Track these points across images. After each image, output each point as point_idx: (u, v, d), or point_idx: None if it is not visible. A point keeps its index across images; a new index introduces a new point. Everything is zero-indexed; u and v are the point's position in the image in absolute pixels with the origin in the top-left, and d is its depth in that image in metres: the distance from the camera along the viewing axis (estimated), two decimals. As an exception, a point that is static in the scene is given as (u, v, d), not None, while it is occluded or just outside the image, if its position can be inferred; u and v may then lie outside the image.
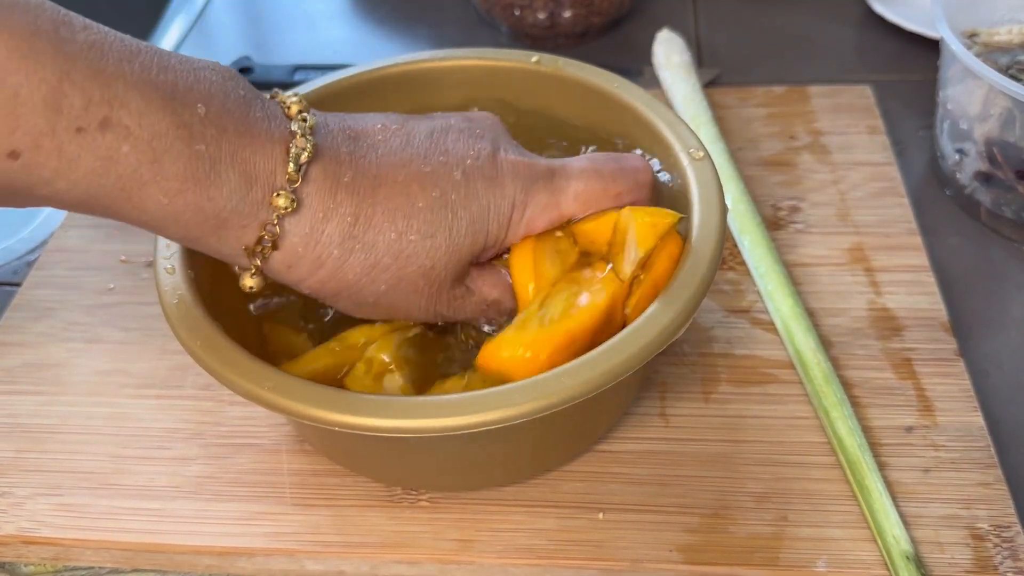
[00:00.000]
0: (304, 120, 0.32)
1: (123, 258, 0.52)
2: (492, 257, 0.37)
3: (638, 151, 0.42)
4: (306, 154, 0.31)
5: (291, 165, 0.31)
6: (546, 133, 0.45)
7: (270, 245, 0.32)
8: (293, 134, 0.32)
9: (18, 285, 0.51)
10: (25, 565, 0.40)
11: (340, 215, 0.32)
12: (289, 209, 0.31)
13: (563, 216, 0.36)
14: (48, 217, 0.57)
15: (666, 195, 0.40)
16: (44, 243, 0.54)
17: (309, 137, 0.32)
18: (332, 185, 0.32)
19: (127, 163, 0.28)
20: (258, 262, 0.32)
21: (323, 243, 0.32)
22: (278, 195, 0.31)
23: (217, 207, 0.30)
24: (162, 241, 0.37)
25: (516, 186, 0.35)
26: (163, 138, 0.28)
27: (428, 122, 0.36)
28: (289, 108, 0.33)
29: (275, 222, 0.31)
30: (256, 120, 0.31)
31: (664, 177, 0.41)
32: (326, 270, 0.33)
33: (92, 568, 0.40)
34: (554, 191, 0.36)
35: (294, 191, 0.31)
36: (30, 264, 0.52)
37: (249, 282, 0.33)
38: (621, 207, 0.37)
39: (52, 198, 0.28)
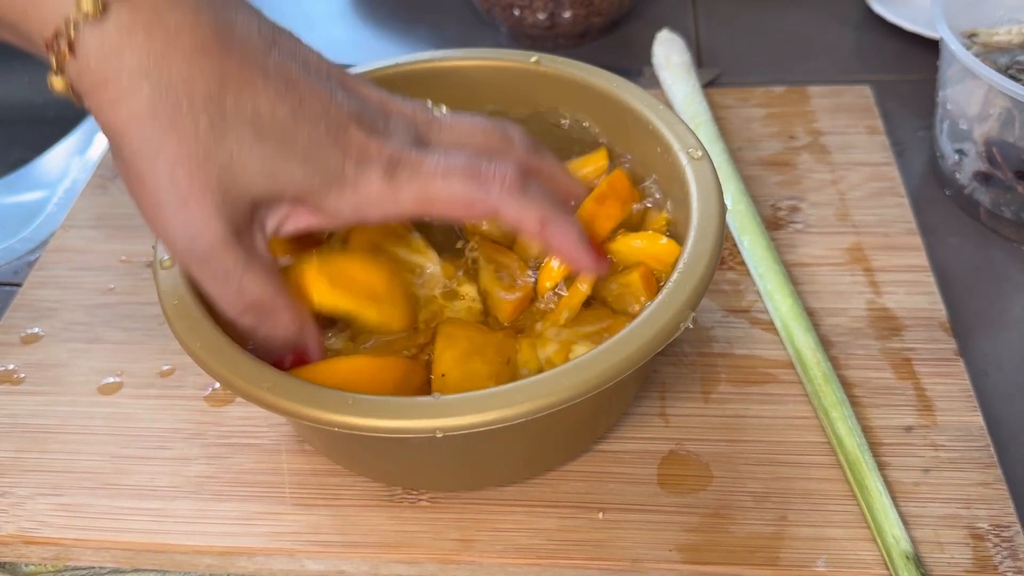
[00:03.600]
0: None
1: (123, 258, 0.52)
2: (290, 232, 0.33)
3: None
4: None
5: None
6: (544, 135, 0.45)
7: (66, 48, 0.29)
8: None
9: (19, 285, 0.51)
10: (26, 565, 0.40)
11: (143, 44, 0.29)
12: (91, 15, 0.28)
13: (403, 213, 0.33)
14: (49, 217, 0.57)
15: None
16: (45, 243, 0.54)
17: None
18: (155, 14, 0.29)
19: None
20: (53, 63, 0.29)
21: (115, 64, 0.29)
22: None
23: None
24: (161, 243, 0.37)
25: (343, 162, 0.32)
26: None
27: (306, 53, 0.33)
28: None
29: (74, 24, 0.28)
30: None
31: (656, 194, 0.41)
32: (107, 93, 0.29)
33: (92, 568, 0.40)
34: (392, 185, 0.33)
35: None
36: (31, 264, 0.52)
37: (53, 81, 0.30)
38: (477, 215, 0.34)
39: None
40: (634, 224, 0.41)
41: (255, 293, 0.33)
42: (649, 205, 0.42)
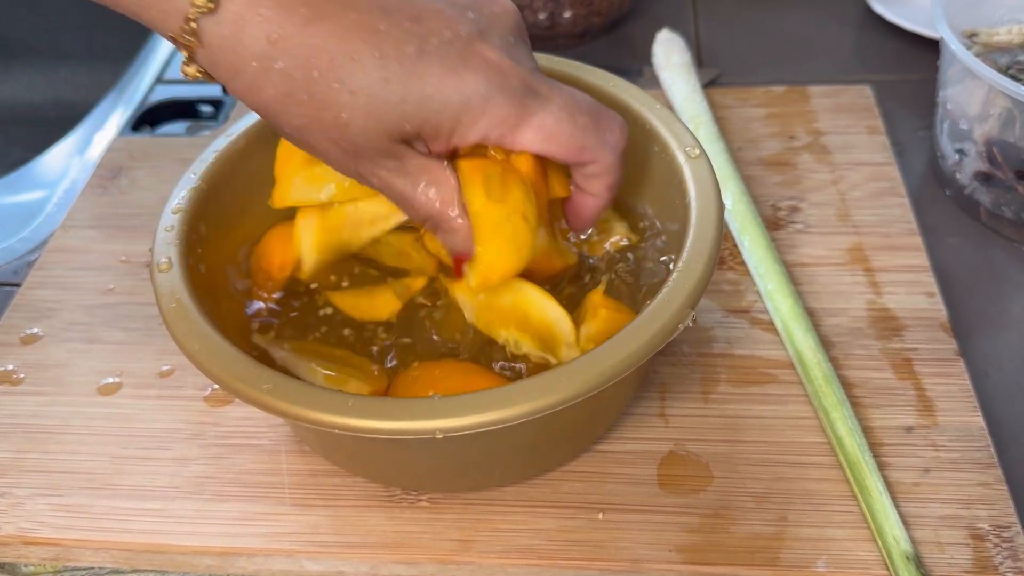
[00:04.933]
0: None
1: (123, 258, 0.52)
2: (440, 153, 0.34)
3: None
4: None
5: None
6: None
7: (192, 40, 0.30)
8: None
9: (18, 285, 0.51)
10: (25, 565, 0.40)
11: (260, 28, 0.30)
12: (205, 9, 0.29)
13: (515, 143, 0.33)
14: (48, 217, 0.57)
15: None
16: (44, 243, 0.54)
17: None
18: None
19: None
20: (185, 53, 0.31)
21: (240, 53, 0.30)
22: None
23: None
24: (159, 242, 0.37)
25: (479, 86, 0.31)
26: None
27: None
28: None
29: (192, 18, 0.29)
30: None
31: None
32: (243, 81, 0.31)
33: (92, 568, 0.40)
34: (521, 112, 0.32)
35: None
36: (30, 264, 0.52)
37: (186, 69, 0.31)
38: (579, 162, 0.35)
39: None
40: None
41: (429, 207, 0.34)
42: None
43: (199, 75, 0.31)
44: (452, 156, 0.35)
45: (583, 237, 0.42)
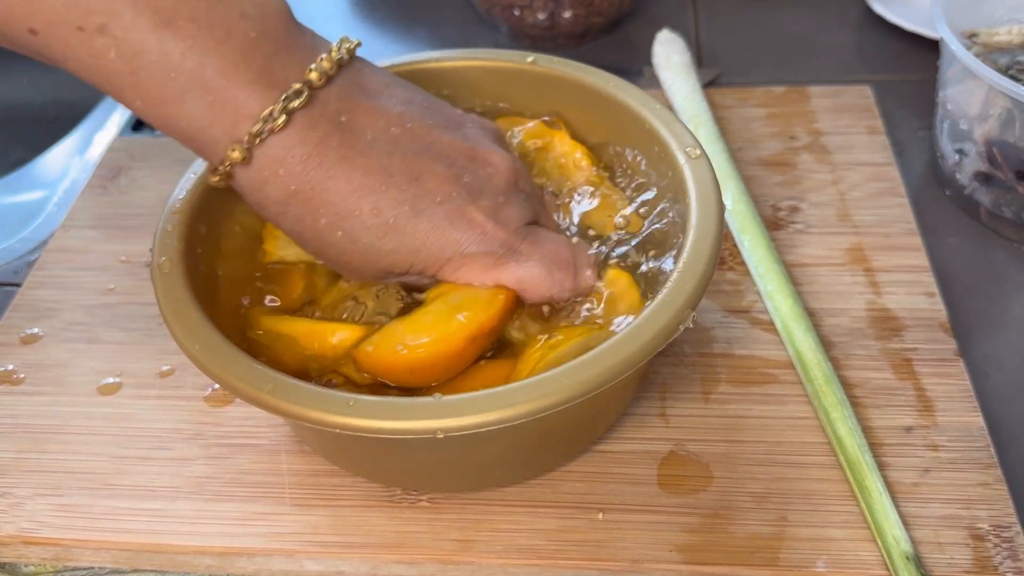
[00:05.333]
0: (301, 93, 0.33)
1: (123, 258, 0.52)
2: (423, 283, 0.38)
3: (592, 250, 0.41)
4: (281, 120, 0.33)
5: (262, 119, 0.32)
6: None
7: (226, 177, 0.34)
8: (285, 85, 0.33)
9: (18, 285, 0.51)
10: (25, 565, 0.40)
11: (281, 182, 0.34)
12: (239, 161, 0.33)
13: (487, 285, 0.37)
14: (49, 217, 0.57)
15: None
16: (44, 243, 0.54)
17: (293, 102, 0.33)
18: (287, 160, 0.34)
19: (113, 67, 0.31)
20: (215, 178, 0.34)
21: (263, 196, 0.35)
22: (233, 149, 0.33)
23: (180, 127, 0.33)
24: (159, 242, 0.37)
25: (460, 245, 0.36)
26: (143, 56, 0.31)
27: (436, 134, 0.36)
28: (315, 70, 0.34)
29: (228, 164, 0.33)
30: (237, 55, 0.32)
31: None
32: (265, 214, 0.36)
33: (92, 568, 0.40)
34: (498, 267, 0.36)
35: (249, 146, 0.33)
36: (30, 264, 0.52)
37: (212, 179, 0.35)
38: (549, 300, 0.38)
39: (74, 72, 0.32)
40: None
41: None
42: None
43: (217, 185, 0.35)
44: None
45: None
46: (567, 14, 0.64)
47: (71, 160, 0.62)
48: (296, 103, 0.33)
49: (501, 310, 0.37)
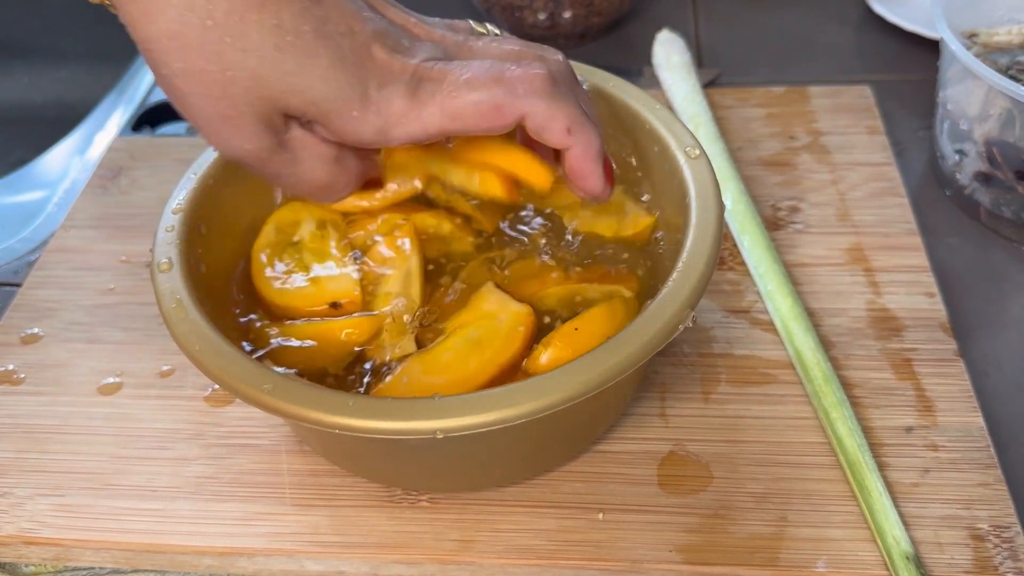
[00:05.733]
0: None
1: (123, 258, 0.52)
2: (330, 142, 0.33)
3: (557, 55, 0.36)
4: None
5: None
6: None
7: None
8: None
9: (19, 285, 0.51)
10: (26, 565, 0.40)
11: None
12: None
13: (423, 132, 0.32)
14: (49, 217, 0.57)
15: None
16: (45, 243, 0.54)
17: None
18: None
19: None
20: None
21: None
22: None
23: None
24: (159, 242, 0.37)
25: (361, 85, 0.31)
26: None
27: None
28: None
29: None
30: None
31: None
32: (137, 6, 0.30)
33: (92, 568, 0.40)
34: (414, 103, 0.32)
35: None
36: (31, 264, 0.52)
37: None
38: (507, 124, 0.33)
39: None
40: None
41: (310, 181, 0.34)
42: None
43: (105, 1, 0.30)
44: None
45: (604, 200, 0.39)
46: (567, 14, 0.64)
47: (71, 160, 0.62)
48: None
49: (522, 344, 0.36)
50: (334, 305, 0.40)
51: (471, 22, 0.37)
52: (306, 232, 0.42)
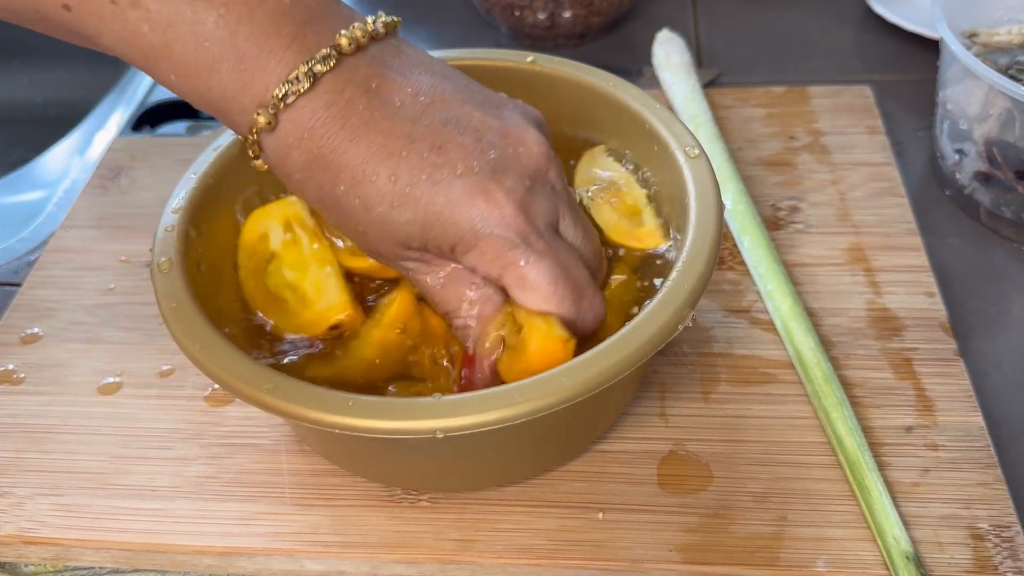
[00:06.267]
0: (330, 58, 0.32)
1: (123, 258, 0.52)
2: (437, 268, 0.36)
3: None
4: (306, 84, 0.32)
5: (286, 86, 0.32)
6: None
7: (256, 147, 0.34)
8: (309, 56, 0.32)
9: (18, 285, 0.51)
10: (25, 565, 0.40)
11: (305, 147, 0.33)
12: (266, 127, 0.33)
13: (499, 281, 0.35)
14: (49, 217, 0.57)
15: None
16: (44, 243, 0.54)
17: (319, 69, 0.32)
18: (313, 127, 0.33)
19: (146, 40, 0.31)
20: (250, 152, 0.34)
21: (289, 164, 0.34)
22: (259, 114, 0.32)
23: (213, 97, 0.33)
24: (159, 242, 0.37)
25: (474, 224, 0.33)
26: (176, 27, 0.31)
27: (468, 108, 0.35)
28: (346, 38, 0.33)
29: (255, 132, 0.33)
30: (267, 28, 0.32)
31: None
32: (292, 184, 0.35)
33: (92, 568, 0.40)
34: (506, 259, 0.34)
35: (274, 110, 0.32)
36: (30, 264, 0.52)
37: (255, 163, 0.35)
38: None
39: (107, 48, 0.32)
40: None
41: (444, 305, 0.37)
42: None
43: (264, 168, 0.35)
44: None
45: None
46: (567, 14, 0.64)
47: (71, 160, 0.62)
48: (322, 67, 0.32)
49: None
50: (334, 328, 0.39)
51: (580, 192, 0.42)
52: (278, 242, 0.41)
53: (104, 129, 0.63)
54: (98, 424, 0.44)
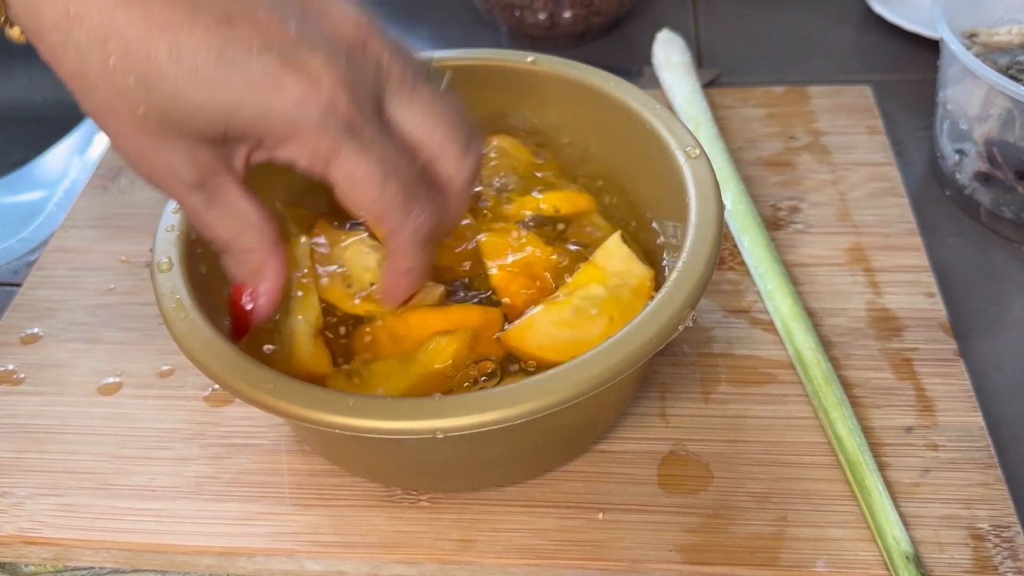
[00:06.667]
0: None
1: (123, 258, 0.52)
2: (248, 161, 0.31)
3: None
4: None
5: None
6: (541, 138, 0.45)
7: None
8: None
9: (18, 285, 0.51)
10: (25, 565, 0.40)
11: (61, 5, 0.28)
12: None
13: (324, 178, 0.31)
14: (49, 217, 0.57)
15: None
16: (44, 243, 0.54)
17: None
18: None
19: None
20: (2, 17, 0.29)
21: (39, 18, 0.28)
22: None
23: None
24: (159, 242, 0.37)
25: (287, 109, 0.29)
26: None
27: None
28: None
29: None
30: None
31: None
32: (45, 48, 0.29)
33: (92, 568, 0.40)
34: (331, 152, 0.30)
35: None
36: (30, 264, 0.52)
37: (9, 32, 0.30)
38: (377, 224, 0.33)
39: None
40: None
41: (217, 231, 0.33)
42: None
43: (23, 39, 0.30)
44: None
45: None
46: (567, 14, 0.64)
47: (71, 160, 0.62)
48: None
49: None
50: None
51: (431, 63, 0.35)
52: None
53: (104, 129, 0.63)
54: (98, 424, 0.44)
